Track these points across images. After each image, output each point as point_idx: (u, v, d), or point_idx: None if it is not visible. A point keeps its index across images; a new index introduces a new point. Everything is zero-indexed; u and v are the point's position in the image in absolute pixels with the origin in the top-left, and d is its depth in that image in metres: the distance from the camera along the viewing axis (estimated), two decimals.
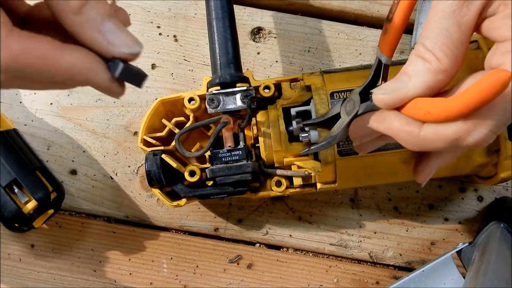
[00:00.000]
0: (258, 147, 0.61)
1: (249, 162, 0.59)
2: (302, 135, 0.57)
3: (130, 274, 0.68)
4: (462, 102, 0.38)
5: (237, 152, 0.60)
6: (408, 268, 0.68)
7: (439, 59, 0.40)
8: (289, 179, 0.61)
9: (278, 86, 0.61)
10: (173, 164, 0.61)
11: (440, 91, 0.42)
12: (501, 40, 0.40)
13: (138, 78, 0.39)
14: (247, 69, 0.68)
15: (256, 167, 0.60)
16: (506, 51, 0.40)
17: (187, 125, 0.62)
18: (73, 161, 0.70)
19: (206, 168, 0.60)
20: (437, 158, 0.48)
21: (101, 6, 0.37)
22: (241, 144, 0.60)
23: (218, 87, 0.60)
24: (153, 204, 0.69)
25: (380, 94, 0.43)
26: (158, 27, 0.71)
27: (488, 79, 0.37)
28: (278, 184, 0.61)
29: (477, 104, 0.38)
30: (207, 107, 0.60)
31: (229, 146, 0.60)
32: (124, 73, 0.38)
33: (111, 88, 0.39)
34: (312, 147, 0.54)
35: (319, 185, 0.60)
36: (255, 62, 0.71)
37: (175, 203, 0.62)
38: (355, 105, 0.48)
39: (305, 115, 0.58)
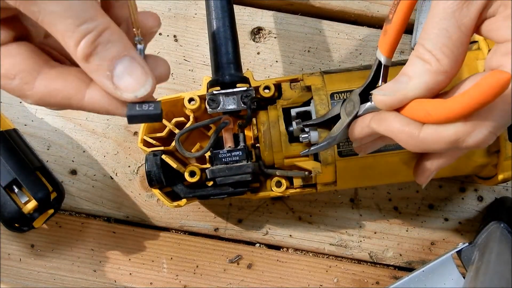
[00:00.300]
0: (258, 148, 0.60)
1: (249, 162, 0.59)
2: (302, 135, 0.57)
3: (130, 274, 0.68)
4: (462, 103, 0.38)
5: (237, 152, 0.60)
6: (408, 268, 0.68)
7: (439, 60, 0.40)
8: (289, 179, 0.61)
9: (278, 86, 0.61)
10: (173, 164, 0.61)
11: (440, 92, 0.42)
12: (501, 41, 0.40)
13: (149, 118, 0.39)
14: (247, 69, 0.68)
15: (256, 168, 0.60)
16: (506, 52, 0.40)
17: (187, 125, 0.62)
18: (73, 161, 0.70)
19: (206, 168, 0.60)
20: (438, 160, 0.48)
21: (110, 51, 0.37)
22: (241, 145, 0.60)
23: (218, 87, 0.60)
24: (153, 204, 0.69)
25: (380, 95, 0.43)
26: None
27: (487, 80, 0.37)
28: (278, 184, 0.61)
29: (477, 106, 0.38)
30: (207, 107, 0.60)
31: (229, 147, 0.60)
32: (132, 119, 0.38)
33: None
34: (312, 148, 0.54)
35: (319, 186, 0.60)
36: (255, 62, 0.71)
37: (175, 203, 0.62)
38: (355, 106, 0.48)
39: (305, 115, 0.58)
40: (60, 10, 0.35)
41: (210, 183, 0.62)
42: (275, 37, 0.71)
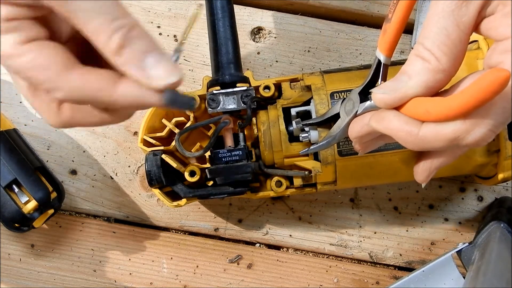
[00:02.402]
0: (258, 147, 0.61)
1: (249, 162, 0.59)
2: (302, 135, 0.57)
3: (130, 274, 0.68)
4: (461, 101, 0.38)
5: (237, 152, 0.60)
6: (408, 268, 0.68)
7: (438, 59, 0.40)
8: (289, 179, 0.61)
9: (278, 86, 0.61)
10: (173, 164, 0.61)
11: (440, 90, 0.42)
12: (500, 38, 0.40)
13: (184, 104, 0.41)
14: (247, 69, 0.69)
15: (256, 167, 0.60)
16: (505, 49, 0.40)
17: (187, 125, 0.62)
18: (73, 161, 0.70)
19: (206, 168, 0.60)
20: (438, 158, 0.48)
21: (139, 44, 0.39)
22: (241, 144, 0.60)
23: (218, 87, 0.60)
24: (153, 204, 0.69)
25: (380, 94, 0.43)
26: (158, 27, 0.71)
27: (487, 77, 0.37)
28: (278, 184, 0.61)
29: (476, 103, 0.38)
30: (207, 107, 0.60)
31: (229, 146, 0.60)
32: (171, 101, 0.40)
33: (167, 107, 0.41)
34: (311, 147, 0.54)
35: (319, 186, 0.60)
36: (255, 62, 0.71)
37: (175, 203, 0.62)
38: (355, 104, 0.48)
39: (305, 115, 0.58)
40: (94, 7, 0.37)
41: (210, 183, 0.62)
42: (275, 37, 0.71)
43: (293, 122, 0.58)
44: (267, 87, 0.61)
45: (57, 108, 0.42)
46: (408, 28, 0.69)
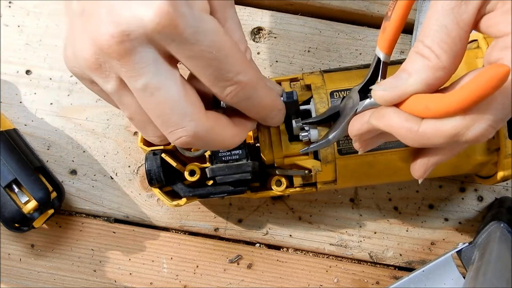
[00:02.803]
0: (258, 147, 0.60)
1: (249, 161, 0.59)
2: (302, 134, 0.57)
3: (130, 274, 0.68)
4: (461, 97, 0.38)
5: (237, 151, 0.60)
6: (408, 268, 0.68)
7: (438, 56, 0.40)
8: (289, 178, 0.61)
9: None
10: (173, 163, 0.61)
11: (439, 88, 0.42)
12: (500, 35, 0.40)
13: (294, 102, 0.53)
14: None
15: (256, 167, 0.60)
16: (504, 46, 0.40)
17: None
18: (73, 161, 0.70)
19: (206, 167, 0.60)
20: (436, 155, 0.48)
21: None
22: (241, 144, 0.60)
23: None
24: (153, 204, 0.69)
25: (380, 91, 0.43)
26: None
27: (486, 73, 0.37)
28: (278, 183, 0.61)
29: (476, 99, 0.38)
30: None
31: None
32: (289, 98, 0.52)
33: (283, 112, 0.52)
34: (311, 146, 0.54)
35: (319, 185, 0.60)
36: (255, 62, 0.71)
37: (175, 202, 0.62)
38: (354, 103, 0.48)
39: (305, 114, 0.58)
40: (237, 23, 0.47)
41: (210, 182, 0.62)
42: (275, 37, 0.71)
43: (293, 121, 0.58)
44: None
45: (205, 112, 0.44)
46: (408, 28, 0.69)
